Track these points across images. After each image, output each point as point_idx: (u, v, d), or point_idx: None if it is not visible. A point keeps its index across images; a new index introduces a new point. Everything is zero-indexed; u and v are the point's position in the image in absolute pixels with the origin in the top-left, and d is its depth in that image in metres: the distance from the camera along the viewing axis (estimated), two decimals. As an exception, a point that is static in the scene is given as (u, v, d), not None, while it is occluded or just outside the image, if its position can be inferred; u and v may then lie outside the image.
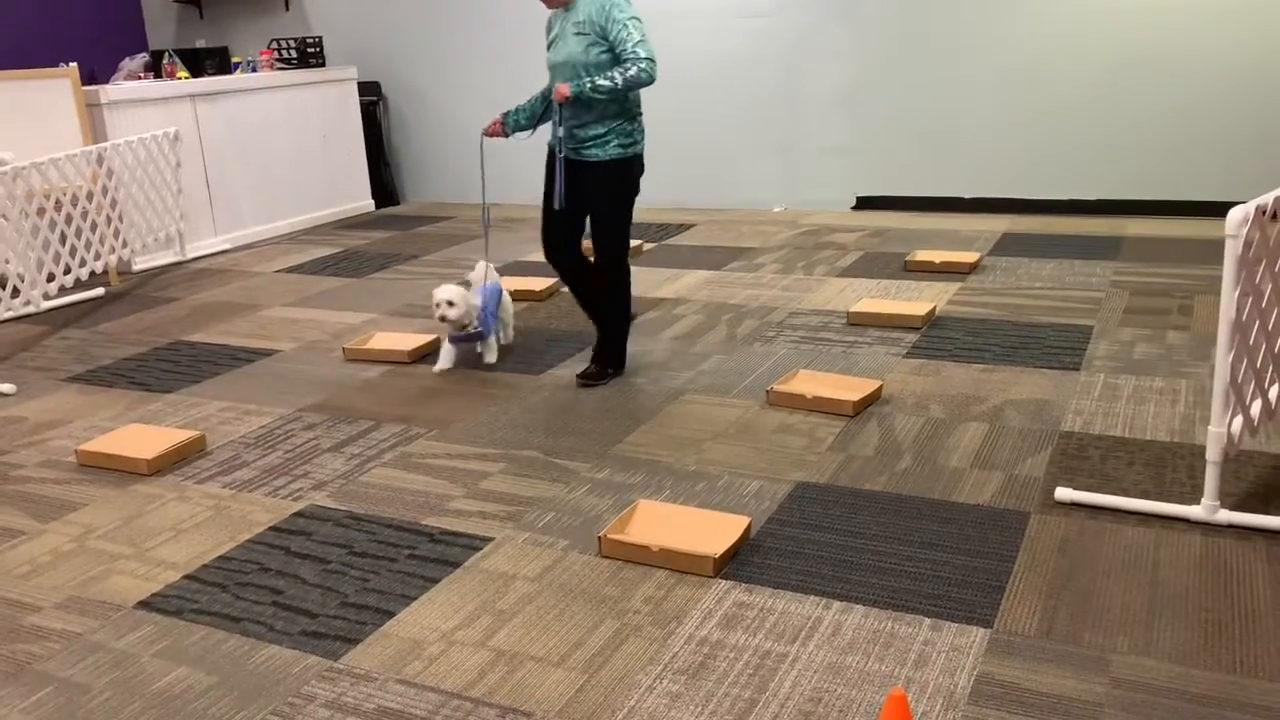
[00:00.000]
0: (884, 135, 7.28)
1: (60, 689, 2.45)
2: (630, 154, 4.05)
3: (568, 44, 3.95)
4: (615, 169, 4.04)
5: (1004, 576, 2.71)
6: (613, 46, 3.89)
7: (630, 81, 3.83)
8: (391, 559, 2.96)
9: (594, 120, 3.98)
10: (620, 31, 3.86)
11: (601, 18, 3.87)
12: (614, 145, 4.01)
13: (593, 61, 3.91)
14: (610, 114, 3.98)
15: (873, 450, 3.50)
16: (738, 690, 2.32)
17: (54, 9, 8.85)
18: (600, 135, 3.99)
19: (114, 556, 3.07)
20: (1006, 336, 4.55)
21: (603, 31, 3.88)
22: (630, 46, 3.84)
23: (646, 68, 3.83)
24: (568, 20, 3.97)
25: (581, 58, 3.92)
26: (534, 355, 4.65)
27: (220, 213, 7.33)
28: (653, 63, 3.85)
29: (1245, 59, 6.31)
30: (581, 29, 3.91)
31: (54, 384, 4.64)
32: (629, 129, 4.02)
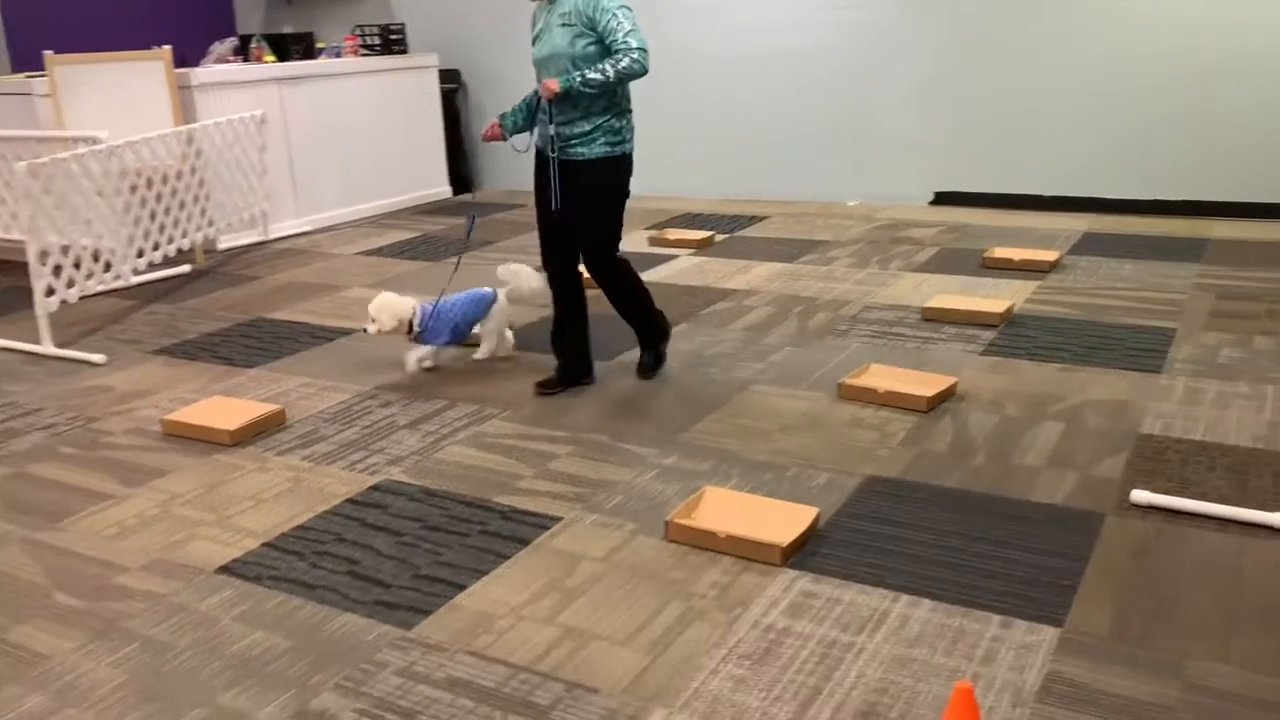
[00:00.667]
0: (963, 130, 7.17)
1: (145, 646, 2.55)
2: (618, 153, 3.83)
3: (553, 37, 3.72)
4: (602, 168, 3.81)
5: (1076, 576, 2.67)
6: (602, 37, 3.66)
7: (622, 73, 3.63)
8: (463, 534, 3.02)
9: (580, 117, 3.75)
10: (610, 21, 3.63)
11: (589, 7, 3.65)
12: (601, 144, 3.78)
13: (580, 54, 3.68)
14: (597, 110, 3.75)
15: (945, 446, 3.47)
16: (802, 677, 2.33)
17: (149, -6, 9.11)
18: (587, 133, 3.77)
19: (196, 522, 3.17)
20: (1085, 337, 4.47)
21: (590, 22, 3.66)
22: (621, 36, 3.62)
23: (639, 58, 3.62)
24: (553, 12, 3.74)
25: (568, 50, 3.69)
26: (603, 341, 4.68)
27: (302, 195, 7.49)
28: (645, 53, 3.64)
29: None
30: (568, 20, 3.68)
31: (141, 356, 4.80)
32: (617, 126, 3.81)
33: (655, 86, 8.08)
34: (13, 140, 5.85)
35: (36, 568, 2.94)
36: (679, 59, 7.99)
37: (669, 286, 5.55)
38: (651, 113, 8.17)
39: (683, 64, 7.98)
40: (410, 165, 8.29)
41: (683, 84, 8.02)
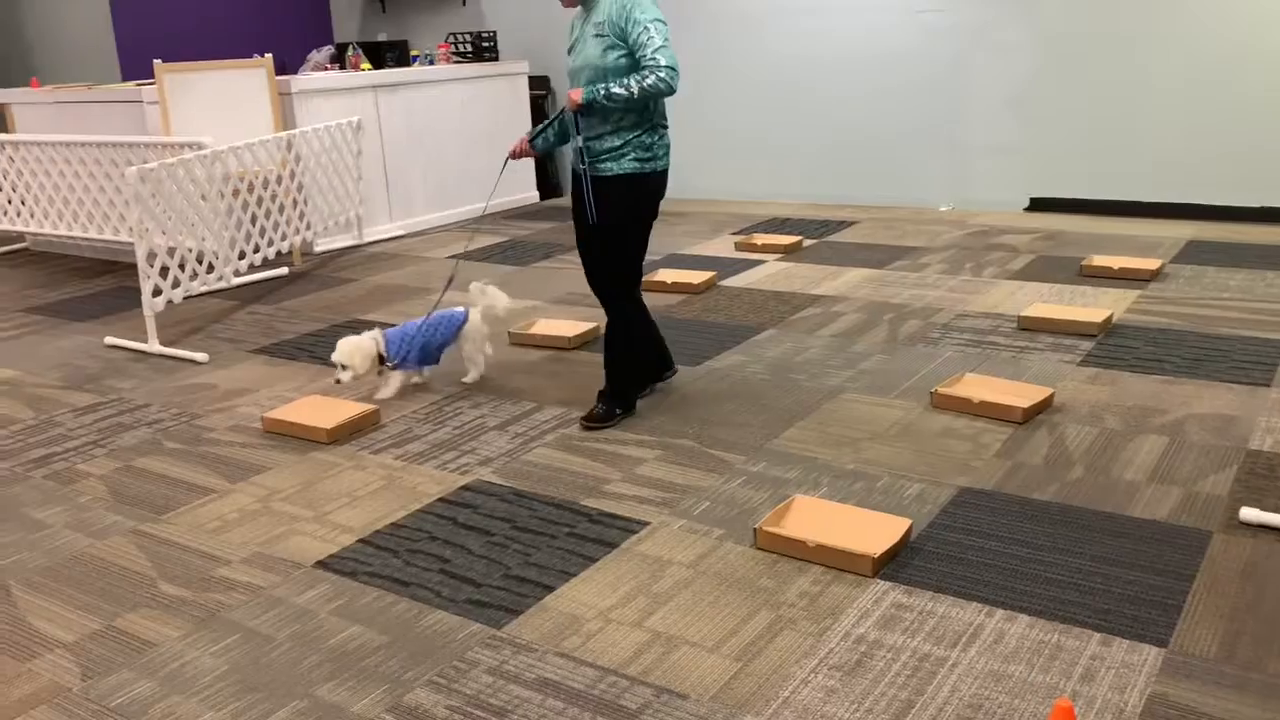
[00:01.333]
0: (1060, 133, 7.00)
1: (246, 637, 2.62)
2: (648, 170, 3.65)
3: (586, 47, 3.60)
4: (629, 185, 3.64)
5: (1181, 596, 2.59)
6: (632, 50, 3.52)
7: (647, 91, 3.46)
8: (552, 535, 3.04)
9: (609, 132, 3.61)
10: (641, 35, 3.47)
11: (621, 18, 3.50)
12: (630, 159, 3.62)
13: (610, 66, 3.54)
14: (627, 125, 3.60)
15: (1042, 459, 3.39)
16: (894, 690, 2.30)
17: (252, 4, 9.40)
18: (616, 148, 3.61)
19: (295, 518, 3.25)
20: (1190, 348, 4.32)
21: (622, 34, 3.51)
22: (650, 52, 3.46)
23: (666, 77, 3.45)
24: (588, 22, 3.62)
25: (599, 62, 3.55)
26: (691, 347, 4.68)
27: (395, 199, 7.64)
28: (674, 72, 3.46)
29: None
30: (600, 30, 3.55)
31: (242, 355, 4.94)
32: (648, 142, 3.64)
33: (747, 91, 8.07)
34: (123, 146, 6.08)
35: (143, 558, 3.04)
36: (772, 64, 7.96)
37: (756, 292, 5.53)
38: (742, 116, 8.15)
39: (776, 68, 7.95)
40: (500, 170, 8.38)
41: (773, 87, 7.98)
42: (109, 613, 2.76)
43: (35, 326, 5.63)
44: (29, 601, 2.84)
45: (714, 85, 8.18)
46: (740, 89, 8.11)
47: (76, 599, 2.84)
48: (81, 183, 6.38)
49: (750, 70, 8.05)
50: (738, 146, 8.24)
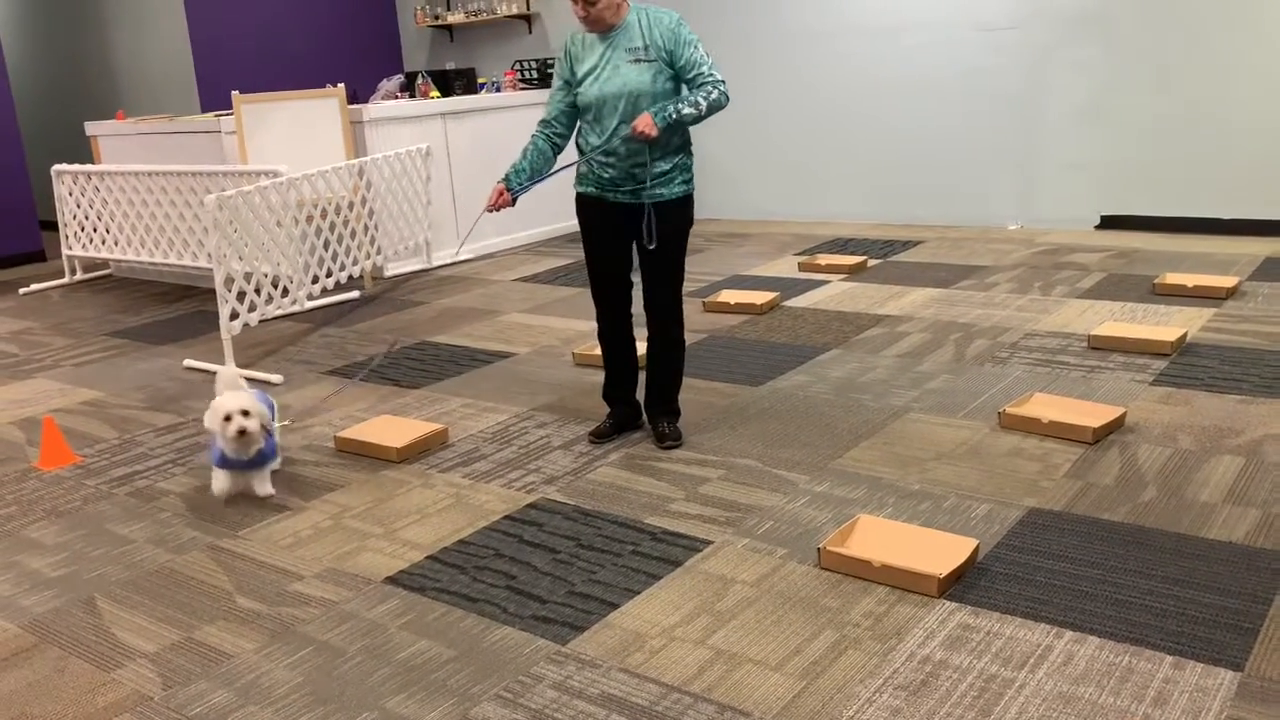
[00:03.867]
0: (1132, 150, 6.89)
1: (319, 650, 2.69)
2: (691, 189, 3.70)
3: (623, 74, 3.51)
4: (682, 207, 3.67)
5: (1258, 619, 2.52)
6: (681, 71, 3.52)
7: (713, 106, 3.48)
8: (616, 554, 3.07)
9: (659, 156, 3.57)
10: (693, 54, 3.49)
11: (669, 40, 3.49)
12: (679, 182, 3.63)
13: (660, 91, 3.52)
14: (674, 148, 3.59)
15: (1113, 479, 3.33)
16: (960, 711, 2.27)
17: (325, 35, 9.68)
18: (666, 172, 3.59)
19: (366, 535, 3.32)
20: (1268, 367, 4.22)
21: (671, 56, 3.50)
22: (706, 70, 3.49)
23: (725, 90, 3.50)
24: (613, 47, 3.53)
25: (649, 88, 3.50)
26: (755, 367, 4.69)
27: (464, 224, 7.78)
28: (726, 85, 3.53)
29: None
30: (643, 55, 3.49)
31: (314, 375, 5.07)
32: (688, 163, 3.66)
33: (813, 109, 8.08)
34: (202, 175, 6.29)
35: (221, 572, 3.14)
36: (839, 82, 7.96)
37: (820, 312, 5.52)
38: (806, 135, 8.16)
39: (839, 85, 7.95)
40: (565, 195, 8.43)
41: (838, 105, 7.98)
42: (188, 625, 2.85)
43: (118, 349, 5.84)
44: (113, 613, 2.94)
45: (779, 104, 8.20)
46: (806, 108, 8.12)
47: (157, 611, 2.93)
48: (163, 210, 6.61)
49: (816, 89, 8.06)
50: (802, 166, 8.25)
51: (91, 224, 7.34)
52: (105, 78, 10.14)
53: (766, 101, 8.20)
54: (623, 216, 3.66)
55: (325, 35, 9.72)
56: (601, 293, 3.83)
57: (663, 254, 3.70)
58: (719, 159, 8.52)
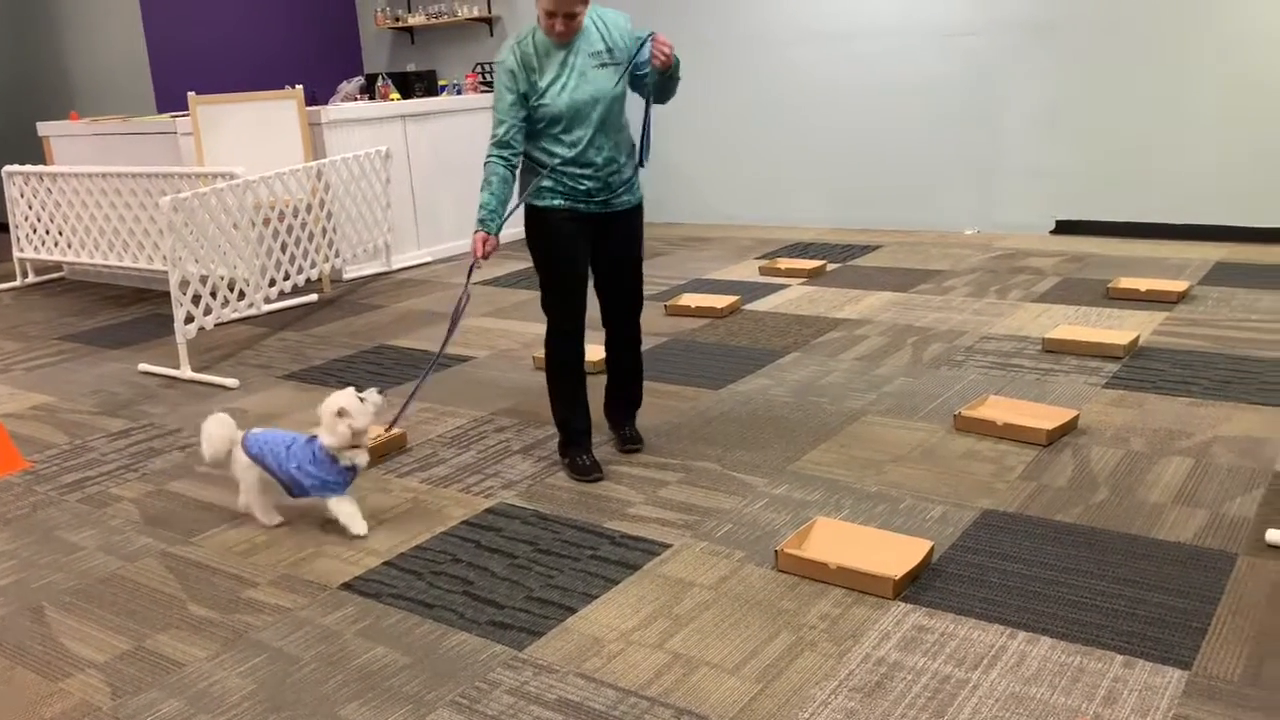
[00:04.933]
0: (1086, 157, 6.99)
1: (272, 657, 2.66)
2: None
3: (591, 80, 3.36)
4: (641, 213, 3.64)
5: (1206, 618, 2.57)
6: (638, 69, 3.43)
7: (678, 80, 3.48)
8: (574, 558, 3.06)
9: (626, 162, 3.51)
10: (645, 50, 3.40)
11: (626, 38, 3.42)
12: (638, 187, 3.59)
13: (621, 94, 3.44)
14: (630, 153, 3.56)
15: (1066, 481, 3.37)
16: (914, 713, 2.29)
17: (283, 36, 9.59)
18: (630, 179, 3.54)
19: (321, 541, 3.29)
20: (1217, 370, 4.29)
21: (626, 54, 3.41)
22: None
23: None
24: (575, 53, 3.36)
25: (616, 91, 3.40)
26: (715, 371, 4.70)
27: (424, 226, 7.74)
28: None
29: None
30: (608, 59, 3.38)
31: (271, 380, 5.01)
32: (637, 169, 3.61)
33: (772, 115, 8.12)
34: (157, 176, 6.21)
35: (173, 580, 3.09)
36: (795, 87, 8.01)
37: (780, 315, 5.55)
38: (765, 141, 8.20)
39: (798, 91, 8.00)
40: (526, 197, 8.47)
41: (797, 111, 8.03)
42: (139, 633, 2.81)
43: (71, 354, 5.74)
44: (61, 622, 2.89)
45: (740, 110, 8.23)
46: (766, 113, 8.16)
47: (107, 620, 2.89)
48: (117, 213, 6.52)
49: (777, 95, 8.10)
50: (762, 171, 8.29)
51: (44, 226, 7.22)
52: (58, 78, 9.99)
53: (728, 107, 8.23)
54: (591, 227, 3.52)
55: (284, 36, 9.63)
56: (570, 310, 3.59)
57: (636, 258, 3.66)
58: (681, 164, 8.54)
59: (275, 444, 3.33)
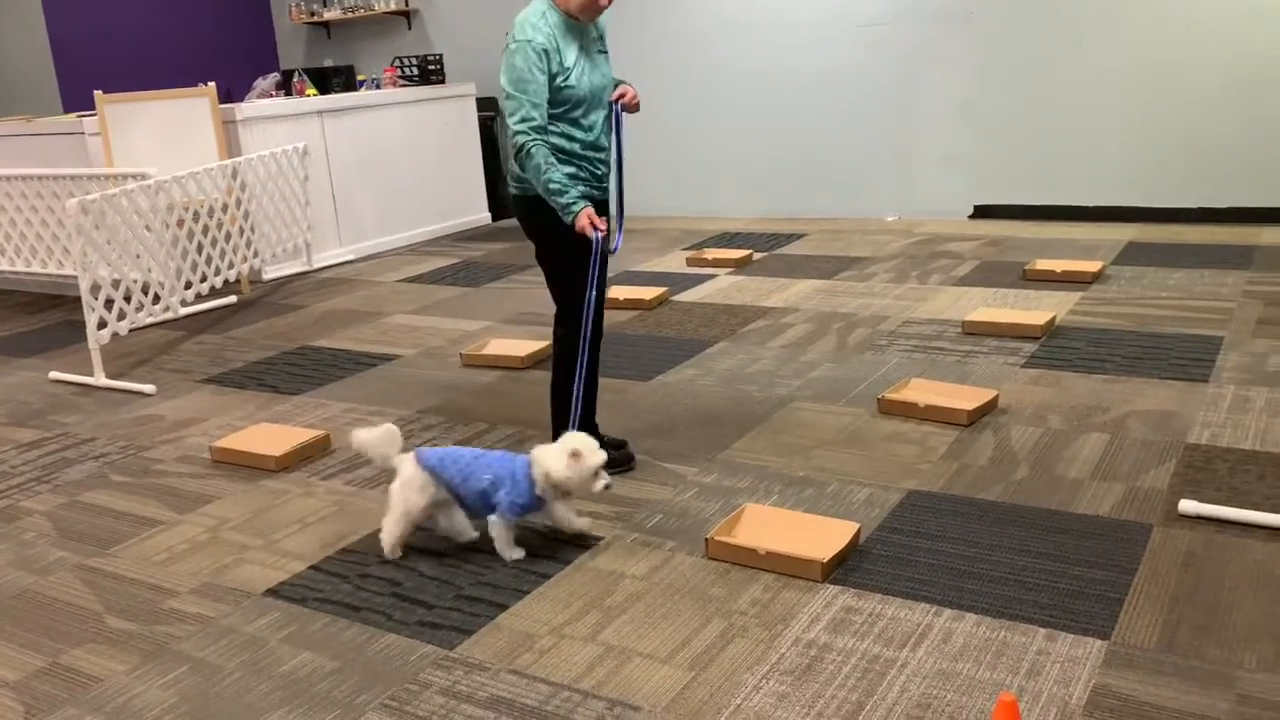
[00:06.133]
0: (1002, 142, 7.13)
1: (195, 668, 2.59)
2: None
3: (598, 65, 3.35)
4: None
5: (1124, 589, 2.63)
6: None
7: None
8: (504, 555, 3.04)
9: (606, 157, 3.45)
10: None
11: (604, 28, 3.42)
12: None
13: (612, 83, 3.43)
14: None
15: (987, 460, 3.44)
16: (844, 693, 2.32)
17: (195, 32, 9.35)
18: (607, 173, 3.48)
19: (244, 547, 3.22)
20: (1130, 347, 4.41)
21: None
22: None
23: None
24: (586, 39, 3.33)
25: (612, 78, 3.42)
26: (644, 362, 4.70)
27: (345, 224, 7.61)
28: None
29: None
30: (602, 46, 3.40)
31: (190, 385, 4.89)
32: None
33: (696, 107, 8.13)
34: (64, 178, 6.01)
35: (89, 593, 3.00)
36: (718, 78, 8.04)
37: (707, 305, 5.56)
38: (691, 132, 8.22)
39: (721, 83, 8.03)
40: (450, 193, 8.40)
41: (721, 103, 8.06)
42: (53, 649, 2.72)
43: (-23, 363, 5.54)
44: (-29, 642, 2.78)
45: (664, 101, 8.24)
46: (689, 105, 8.18)
47: (20, 637, 2.79)
48: (23, 216, 6.30)
49: (698, 86, 8.12)
50: (688, 162, 8.30)
51: (-55, 232, 6.94)
52: (-43, 78, 9.62)
53: (652, 98, 8.20)
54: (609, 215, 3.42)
55: (195, 33, 9.39)
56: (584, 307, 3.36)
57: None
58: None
59: (460, 457, 3.04)
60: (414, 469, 3.01)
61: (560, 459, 2.94)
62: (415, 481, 3.00)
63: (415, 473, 3.01)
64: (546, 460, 2.95)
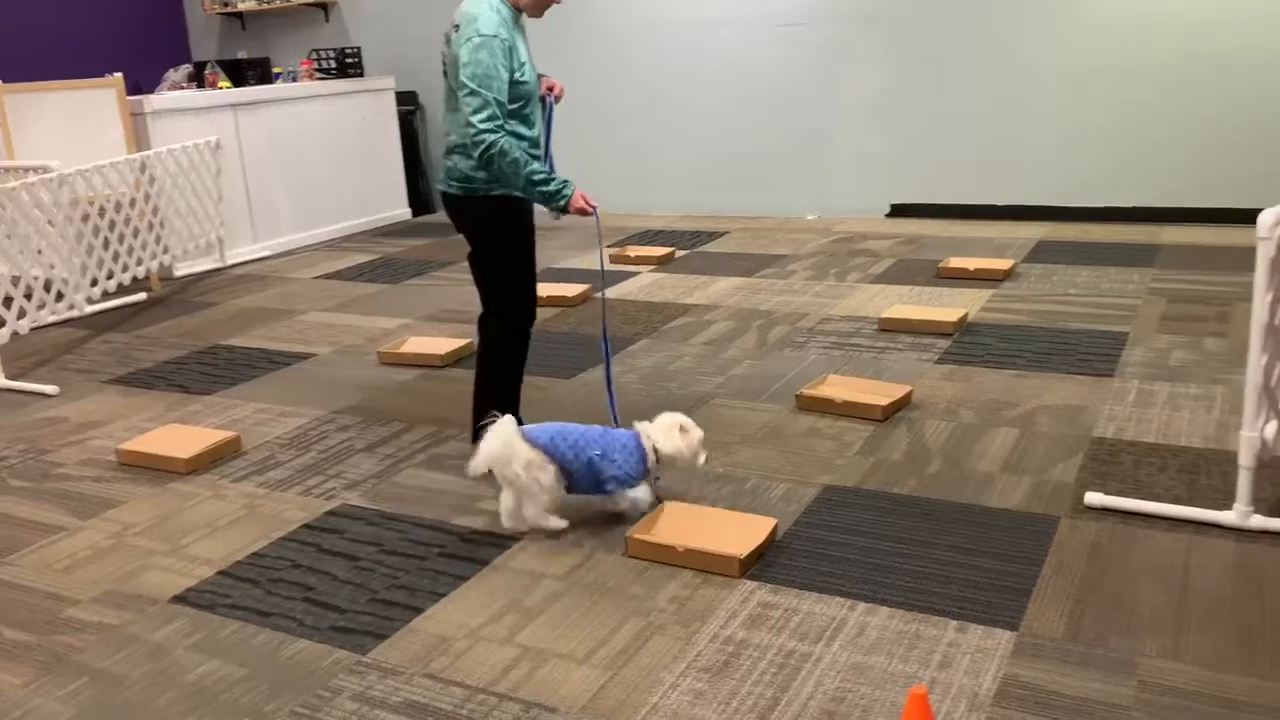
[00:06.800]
0: (918, 143, 7.26)
1: (96, 679, 2.50)
2: None
3: (532, 61, 3.36)
4: None
5: (1032, 580, 2.69)
6: None
7: None
8: (421, 557, 3.00)
9: None
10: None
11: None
12: None
13: None
14: None
15: (901, 454, 3.49)
16: (760, 689, 2.33)
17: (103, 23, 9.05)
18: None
19: (150, 552, 3.12)
20: (1039, 343, 4.52)
21: None
22: None
23: None
24: (524, 33, 3.35)
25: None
26: (566, 360, 4.68)
27: (260, 220, 7.44)
28: None
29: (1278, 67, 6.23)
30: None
31: (96, 386, 4.73)
32: None
33: (618, 105, 8.12)
34: (-39, 171, 5.78)
35: (-15, 603, 2.88)
36: (642, 78, 8.04)
37: (629, 302, 5.56)
38: (613, 131, 8.20)
39: (644, 82, 8.03)
40: (369, 188, 8.27)
41: (644, 101, 8.06)
42: (-55, 663, 2.60)
43: None
44: None
45: (585, 99, 8.20)
46: (611, 103, 8.17)
47: (-92, 651, 2.67)
48: (-84, 211, 6.03)
49: (621, 85, 8.11)
50: (610, 160, 8.29)
51: None
52: None
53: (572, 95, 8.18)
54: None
55: (101, 21, 9.09)
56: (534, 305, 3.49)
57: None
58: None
59: (567, 433, 3.06)
60: (530, 449, 3.02)
61: (670, 433, 3.08)
62: (537, 459, 3.01)
63: (534, 452, 3.02)
64: (656, 435, 3.09)
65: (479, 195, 3.31)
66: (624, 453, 3.06)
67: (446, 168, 3.37)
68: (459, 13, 3.26)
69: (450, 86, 3.31)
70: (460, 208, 3.38)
